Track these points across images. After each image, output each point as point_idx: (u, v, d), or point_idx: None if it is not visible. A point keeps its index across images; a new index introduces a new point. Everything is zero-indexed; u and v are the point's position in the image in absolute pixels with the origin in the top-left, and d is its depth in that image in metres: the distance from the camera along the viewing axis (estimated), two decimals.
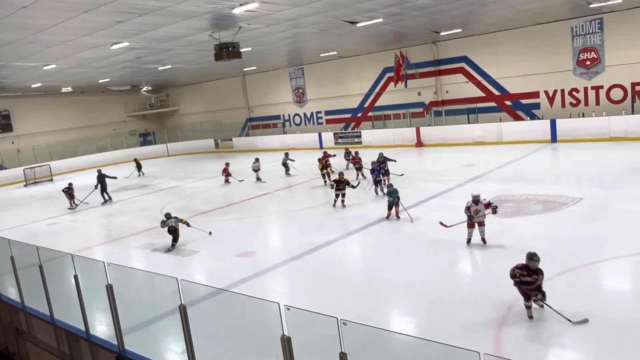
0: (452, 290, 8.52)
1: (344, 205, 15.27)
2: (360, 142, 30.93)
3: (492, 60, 27.17)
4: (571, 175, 16.91)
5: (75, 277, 7.92)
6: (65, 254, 8.76)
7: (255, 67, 33.94)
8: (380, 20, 19.45)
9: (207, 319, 7.02)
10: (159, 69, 28.65)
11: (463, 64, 28.21)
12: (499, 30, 25.81)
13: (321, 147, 32.77)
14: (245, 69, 34.80)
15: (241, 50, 19.78)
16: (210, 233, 13.76)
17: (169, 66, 27.92)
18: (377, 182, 16.55)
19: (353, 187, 15.75)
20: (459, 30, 24.82)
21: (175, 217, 13.16)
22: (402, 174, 17.60)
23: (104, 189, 20.80)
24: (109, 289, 7.19)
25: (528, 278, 7.00)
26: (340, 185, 15.32)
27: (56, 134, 37.37)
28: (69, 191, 20.42)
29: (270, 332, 5.18)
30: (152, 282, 7.79)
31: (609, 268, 8.94)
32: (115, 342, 7.41)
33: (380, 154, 17.66)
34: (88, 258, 9.78)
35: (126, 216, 18.19)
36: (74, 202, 20.37)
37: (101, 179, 20.81)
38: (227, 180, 22.59)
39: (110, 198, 20.97)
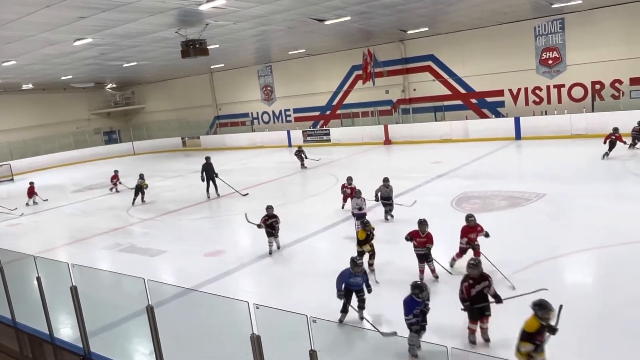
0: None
1: (372, 270, 9.31)
2: (329, 140, 31.02)
3: (458, 59, 27.58)
4: (535, 171, 17.30)
5: (38, 279, 7.72)
6: (27, 255, 8.53)
7: (223, 65, 33.63)
8: (348, 18, 19.52)
9: (176, 320, 6.94)
10: (124, 66, 28.09)
11: (430, 63, 28.55)
12: (465, 29, 26.21)
13: (290, 145, 32.80)
14: (212, 66, 34.45)
15: (208, 47, 19.56)
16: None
17: (134, 63, 27.40)
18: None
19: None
20: (426, 29, 25.12)
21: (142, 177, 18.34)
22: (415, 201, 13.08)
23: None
24: (73, 290, 7.03)
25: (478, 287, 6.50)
26: (367, 241, 9.36)
27: (16, 132, 36.27)
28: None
29: (239, 331, 5.15)
30: (118, 282, 7.66)
31: (572, 261, 9.18)
32: (81, 345, 7.26)
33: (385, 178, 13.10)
34: (51, 259, 9.53)
35: (91, 216, 17.80)
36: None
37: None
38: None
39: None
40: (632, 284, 7.78)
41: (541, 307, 5.36)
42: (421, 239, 8.62)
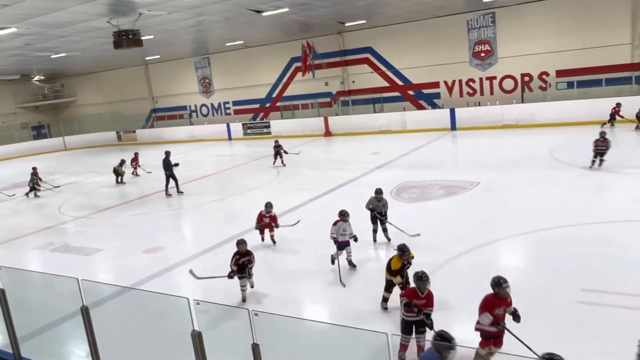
0: (359, 274, 8.75)
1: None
2: (269, 133, 30.85)
3: (395, 52, 28.06)
4: (470, 161, 17.91)
5: None
6: None
7: (158, 56, 32.69)
8: (286, 9, 19.42)
9: (114, 320, 6.74)
10: (52, 57, 26.77)
11: (368, 55, 28.91)
12: (402, 22, 26.67)
13: (230, 139, 32.41)
14: (147, 58, 33.43)
15: (142, 38, 18.99)
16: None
17: (63, 54, 26.18)
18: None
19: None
20: (364, 21, 25.38)
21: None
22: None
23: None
24: (1, 294, 6.68)
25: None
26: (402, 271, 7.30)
27: None
28: None
29: (180, 328, 5.06)
30: (50, 284, 7.34)
31: (507, 246, 9.58)
32: (10, 350, 6.91)
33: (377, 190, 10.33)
34: None
35: (19, 216, 16.92)
36: None
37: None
38: (135, 173, 21.74)
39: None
40: (562, 263, 8.23)
41: (403, 251, 7.02)
42: (419, 301, 6.06)
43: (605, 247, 8.73)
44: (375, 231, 9.99)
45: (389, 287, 7.25)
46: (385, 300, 7.35)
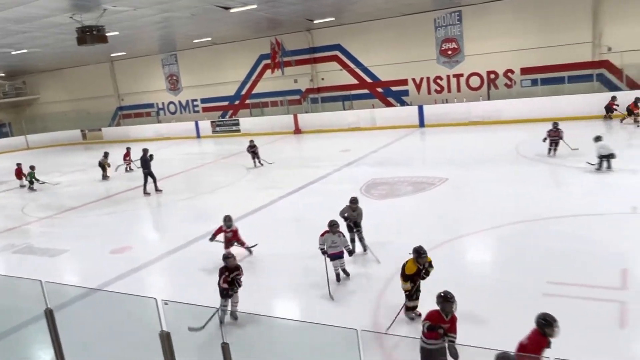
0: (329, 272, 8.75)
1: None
2: (238, 131, 30.65)
3: (364, 49, 28.18)
4: (438, 157, 18.14)
5: None
6: None
7: (124, 53, 32.09)
8: (255, 6, 19.29)
9: (80, 322, 6.62)
10: (13, 53, 25.98)
11: (337, 52, 28.95)
12: (370, 19, 26.78)
13: (198, 137, 32.07)
14: (113, 55, 32.77)
15: (107, 34, 18.57)
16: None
17: (25, 50, 25.44)
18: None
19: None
20: (332, 18, 25.41)
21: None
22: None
23: None
24: None
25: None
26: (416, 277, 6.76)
27: None
28: None
29: (149, 329, 4.99)
30: (13, 287, 7.15)
31: (474, 241, 9.74)
32: None
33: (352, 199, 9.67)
34: None
35: None
36: None
37: None
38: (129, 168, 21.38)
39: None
40: (527, 257, 8.41)
41: (419, 254, 6.52)
42: (444, 325, 5.34)
43: (569, 241, 8.96)
44: (352, 240, 9.30)
45: (410, 297, 6.67)
46: (411, 309, 6.71)
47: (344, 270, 8.30)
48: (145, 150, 16.79)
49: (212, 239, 9.77)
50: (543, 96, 22.77)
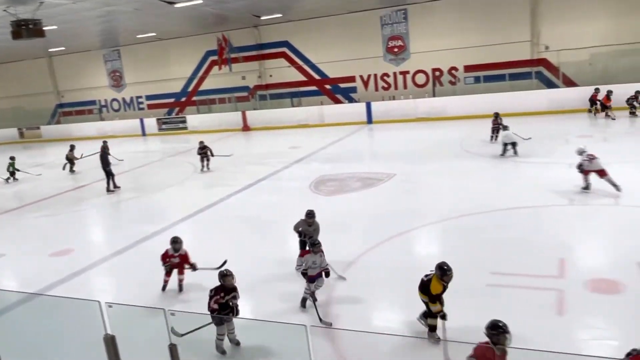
0: (279, 268, 8.72)
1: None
2: (185, 128, 30.12)
3: (312, 46, 28.23)
4: (385, 153, 18.41)
5: None
6: None
7: (63, 48, 30.85)
8: (200, 1, 19.00)
9: (20, 328, 6.34)
10: None
11: (285, 49, 28.88)
12: (318, 16, 26.84)
13: (144, 134, 31.31)
14: (51, 50, 31.48)
15: (45, 28, 17.80)
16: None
17: None
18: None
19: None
20: (280, 15, 25.29)
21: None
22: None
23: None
24: None
25: None
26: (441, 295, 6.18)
27: None
28: None
29: (93, 332, 4.84)
30: None
31: (421, 235, 9.94)
32: None
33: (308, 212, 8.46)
34: None
35: None
36: None
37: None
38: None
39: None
40: (472, 249, 8.65)
41: (445, 271, 5.77)
42: None
43: (509, 233, 9.30)
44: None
45: (432, 313, 5.94)
46: (433, 329, 6.01)
47: (313, 295, 7.09)
48: (104, 148, 16.28)
49: (167, 267, 8.05)
50: (484, 93, 23.47)
